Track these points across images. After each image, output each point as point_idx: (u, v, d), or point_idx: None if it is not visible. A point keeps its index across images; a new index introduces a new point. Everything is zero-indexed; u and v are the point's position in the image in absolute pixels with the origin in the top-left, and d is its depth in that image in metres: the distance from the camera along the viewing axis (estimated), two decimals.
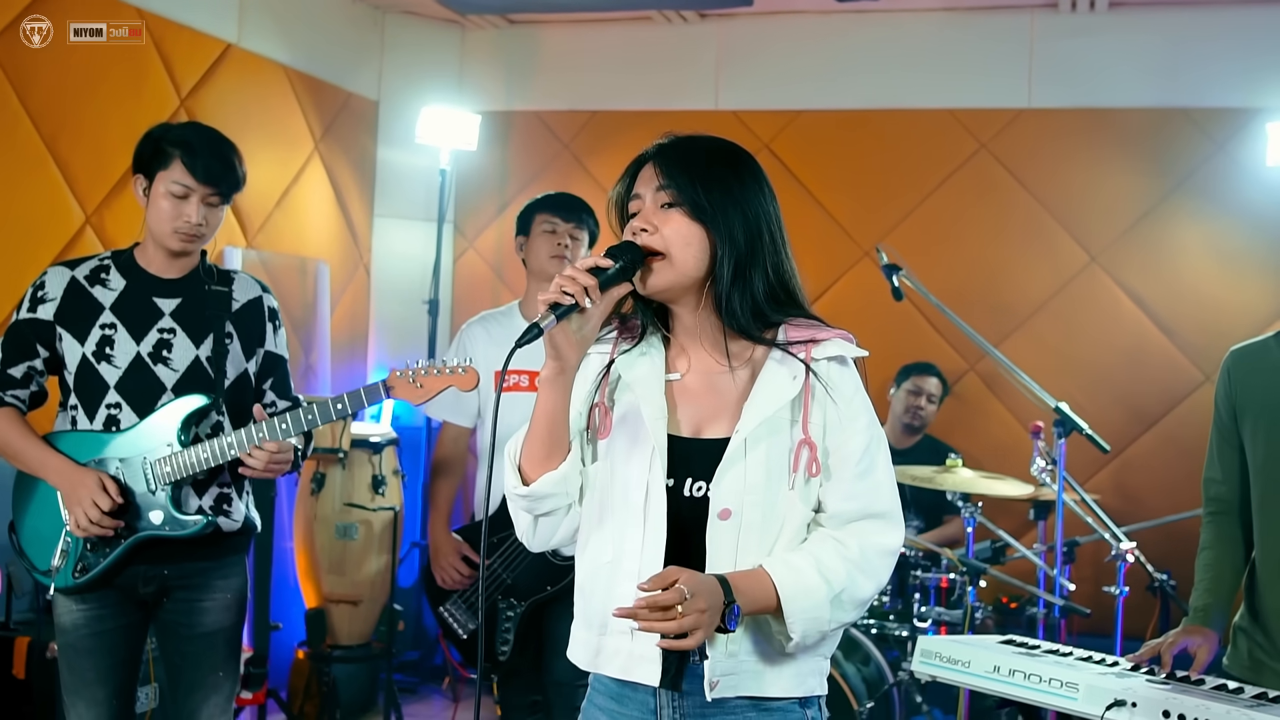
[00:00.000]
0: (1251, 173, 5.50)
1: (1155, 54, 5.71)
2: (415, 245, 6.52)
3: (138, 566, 3.06)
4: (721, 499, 1.94)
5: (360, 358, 6.38)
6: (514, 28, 6.55)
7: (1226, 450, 3.01)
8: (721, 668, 1.94)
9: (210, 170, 3.04)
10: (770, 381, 1.99)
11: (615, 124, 6.42)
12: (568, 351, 1.97)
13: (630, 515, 1.97)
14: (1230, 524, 3.01)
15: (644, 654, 1.96)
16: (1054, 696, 2.69)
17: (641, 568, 1.94)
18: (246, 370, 3.18)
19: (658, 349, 2.08)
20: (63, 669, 3.11)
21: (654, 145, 2.09)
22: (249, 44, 5.41)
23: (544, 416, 1.99)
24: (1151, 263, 5.72)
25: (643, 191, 2.03)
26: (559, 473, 2.01)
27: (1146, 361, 5.69)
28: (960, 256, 5.87)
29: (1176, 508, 5.26)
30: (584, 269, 1.93)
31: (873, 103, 6.06)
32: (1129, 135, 5.76)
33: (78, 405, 3.08)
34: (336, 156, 6.13)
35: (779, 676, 1.98)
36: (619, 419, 2.04)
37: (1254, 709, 2.45)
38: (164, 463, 3.03)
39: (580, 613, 2.08)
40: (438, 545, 3.86)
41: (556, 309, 1.91)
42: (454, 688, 5.90)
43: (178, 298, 3.11)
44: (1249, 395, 2.93)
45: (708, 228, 1.99)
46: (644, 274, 1.99)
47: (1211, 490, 3.07)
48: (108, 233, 4.68)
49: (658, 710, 2.00)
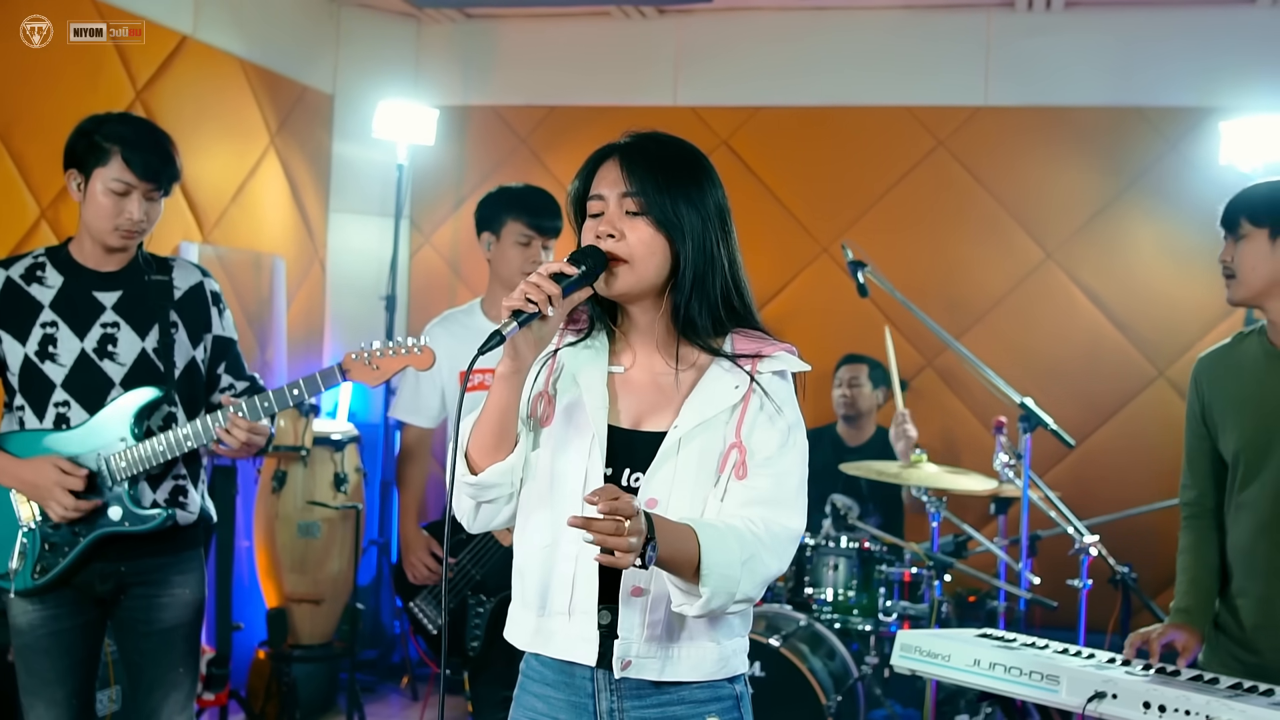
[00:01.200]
0: (1204, 171, 5.58)
1: (1110, 53, 5.79)
2: (370, 240, 6.46)
3: (95, 564, 3.02)
4: (651, 490, 2.00)
5: (316, 353, 6.32)
6: (471, 22, 6.51)
7: (1199, 458, 3.09)
8: (636, 649, 1.99)
9: (150, 166, 2.99)
10: (712, 386, 2.04)
11: (573, 119, 6.40)
12: (525, 352, 2.01)
13: (568, 501, 2.01)
14: (1207, 527, 3.07)
15: (581, 634, 2.02)
16: (1035, 689, 2.73)
17: (579, 551, 1.98)
18: (195, 358, 3.13)
19: (603, 343, 2.13)
20: (20, 670, 3.06)
21: (617, 143, 2.10)
22: (204, 36, 5.32)
23: (495, 410, 2.03)
24: (1106, 260, 5.80)
25: (606, 193, 2.04)
26: (506, 464, 2.05)
27: (1101, 357, 5.77)
28: (917, 253, 5.91)
29: (1132, 501, 5.33)
30: (548, 274, 1.96)
31: (831, 100, 6.08)
32: (1084, 133, 5.84)
33: (25, 405, 3.03)
34: (292, 150, 6.06)
35: (697, 664, 2.03)
36: (562, 408, 2.09)
37: (1232, 699, 2.49)
38: (119, 457, 2.99)
39: (518, 594, 2.13)
40: (407, 541, 3.85)
41: (519, 316, 1.95)
42: (413, 686, 5.87)
43: (118, 290, 3.06)
44: (1218, 397, 3.01)
45: (671, 238, 2.02)
46: (606, 277, 2.03)
47: (1186, 496, 3.14)
48: (63, 226, 4.59)
49: (595, 692, 2.05)
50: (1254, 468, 2.92)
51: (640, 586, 1.99)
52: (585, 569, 2.00)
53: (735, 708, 2.08)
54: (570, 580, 2.02)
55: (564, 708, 2.07)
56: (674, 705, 2.04)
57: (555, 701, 2.08)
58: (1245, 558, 2.95)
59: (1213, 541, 3.06)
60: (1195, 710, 2.48)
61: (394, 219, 6.22)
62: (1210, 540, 3.06)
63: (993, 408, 5.53)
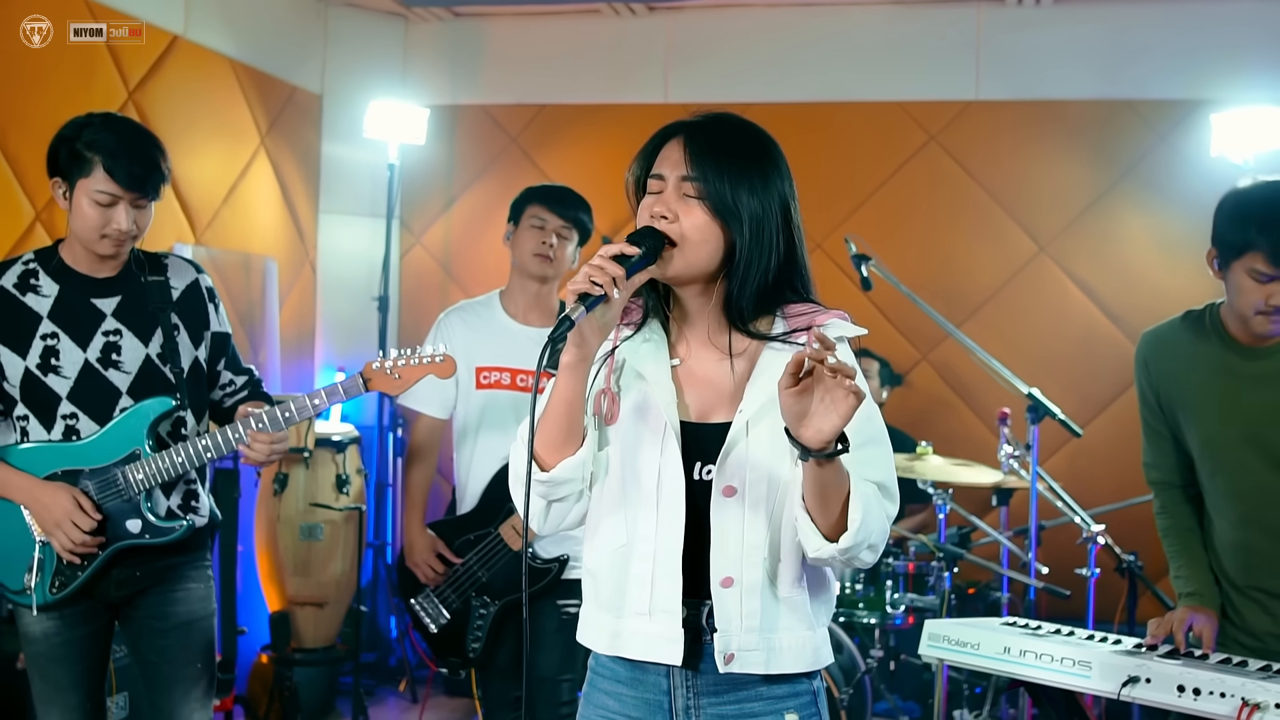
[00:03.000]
0: (1194, 163, 5.63)
1: (1099, 47, 5.83)
2: (360, 241, 6.43)
3: (111, 572, 2.99)
4: (725, 478, 1.96)
5: (308, 355, 6.27)
6: (459, 20, 6.48)
7: (1155, 437, 3.06)
8: (739, 641, 1.95)
9: (134, 175, 2.87)
10: (771, 365, 1.99)
11: (564, 117, 6.39)
12: (591, 338, 1.95)
13: (643, 499, 1.98)
14: (1180, 504, 3.06)
15: (664, 634, 1.97)
16: (1068, 675, 2.72)
17: (656, 549, 1.96)
18: (197, 358, 3.08)
19: (660, 335, 2.07)
20: (34, 678, 3.02)
21: (684, 121, 2.04)
22: (195, 36, 5.28)
23: (563, 402, 1.97)
24: (1098, 252, 5.84)
25: (666, 173, 2.00)
26: (577, 458, 2.00)
27: (1095, 348, 5.81)
28: (911, 247, 5.93)
29: (1128, 491, 5.35)
30: (609, 257, 1.91)
31: (822, 95, 6.10)
32: (1075, 127, 5.87)
33: (28, 415, 2.95)
34: (282, 151, 6.02)
35: (798, 655, 1.99)
36: (629, 404, 2.04)
37: (1266, 680, 2.50)
38: (137, 469, 2.94)
39: (592, 597, 2.09)
40: (412, 541, 3.80)
41: (586, 299, 1.89)
42: (412, 689, 5.84)
43: (116, 296, 2.98)
44: (1169, 382, 2.98)
45: (727, 226, 1.97)
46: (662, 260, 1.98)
47: (1152, 475, 3.12)
48: (58, 228, 4.53)
49: (671, 690, 2.01)
50: (1223, 462, 2.92)
51: (730, 576, 1.95)
52: (664, 567, 1.96)
53: (813, 703, 2.04)
54: (649, 580, 1.97)
55: (638, 705, 2.04)
56: (751, 702, 2.00)
57: (628, 699, 2.05)
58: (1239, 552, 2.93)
59: (1192, 515, 3.05)
60: (1230, 692, 2.48)
61: (386, 219, 6.17)
62: (1189, 515, 3.05)
63: (989, 401, 5.57)
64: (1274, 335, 2.83)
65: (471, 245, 6.48)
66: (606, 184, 6.17)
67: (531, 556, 3.68)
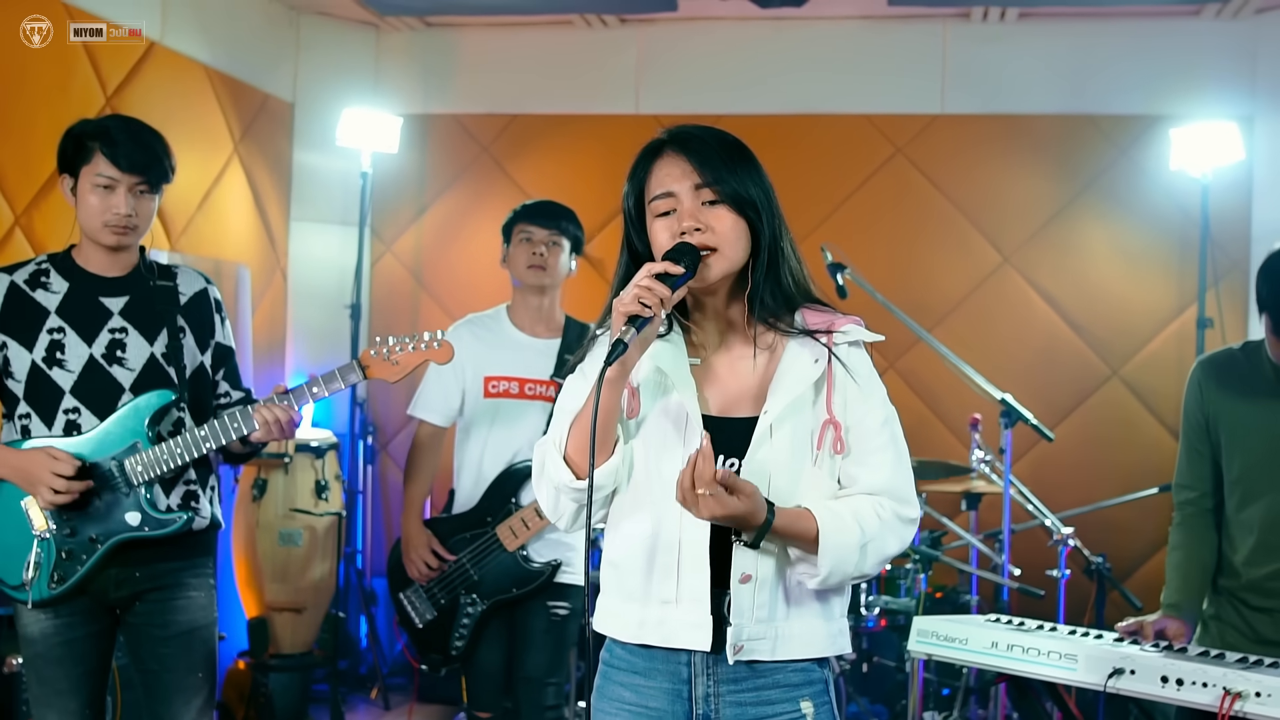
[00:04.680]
0: (1154, 176, 5.79)
1: (1062, 63, 5.98)
2: (331, 249, 6.43)
3: (110, 570, 2.99)
4: (749, 476, 2.02)
5: (279, 363, 6.27)
6: (430, 30, 6.52)
7: (1195, 459, 3.14)
8: (748, 632, 2.02)
9: (132, 158, 2.97)
10: (794, 365, 2.08)
11: (536, 128, 6.44)
12: (634, 354, 2.02)
13: (667, 490, 2.02)
14: (1204, 527, 3.14)
15: (692, 620, 2.03)
16: (1054, 668, 2.82)
17: (682, 539, 2.03)
18: (202, 363, 3.13)
19: (678, 334, 2.14)
20: (31, 681, 3.01)
21: (664, 139, 2.11)
22: (171, 42, 5.28)
23: (602, 413, 2.00)
24: (1061, 263, 5.97)
25: (677, 190, 2.07)
26: (611, 465, 2.07)
27: (1057, 357, 5.94)
28: (877, 258, 6.02)
29: (1089, 496, 5.50)
30: (653, 276, 1.97)
31: (791, 108, 6.19)
32: (1038, 140, 6.01)
33: (30, 414, 2.98)
34: (255, 158, 6.02)
35: (808, 641, 2.08)
36: (651, 401, 2.10)
37: (1246, 670, 2.60)
38: (136, 460, 2.96)
39: (615, 588, 2.14)
40: (409, 537, 3.90)
41: (636, 321, 1.96)
42: (384, 697, 5.84)
43: (125, 295, 3.04)
44: (1220, 407, 3.06)
45: (749, 219, 2.07)
46: (700, 269, 2.05)
47: (1181, 495, 3.19)
48: (37, 234, 4.53)
49: (691, 678, 2.06)
50: (1256, 491, 3.00)
51: (748, 573, 2.03)
52: (691, 555, 2.03)
53: (825, 691, 2.11)
54: (674, 568, 2.04)
55: (656, 694, 2.09)
56: (768, 689, 2.06)
57: (646, 690, 2.10)
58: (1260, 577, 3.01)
59: (1210, 542, 3.12)
60: (1212, 682, 2.58)
61: (359, 227, 6.19)
62: (1208, 541, 3.12)
63: (957, 408, 5.67)
64: None
65: (443, 254, 6.51)
66: (578, 194, 6.25)
67: (525, 559, 3.76)
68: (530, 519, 3.73)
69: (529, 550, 3.77)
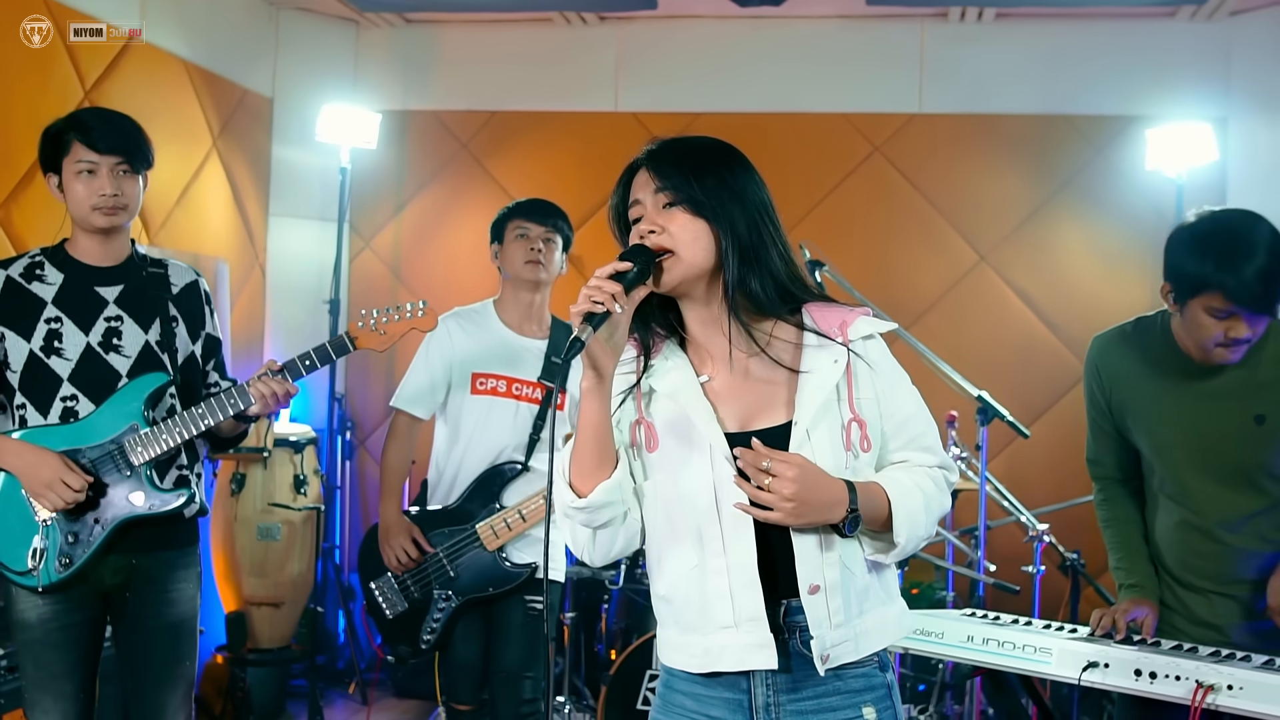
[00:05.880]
0: (1129, 176, 5.85)
1: (1039, 63, 6.03)
2: (310, 244, 6.43)
3: (110, 557, 3.06)
4: None
5: (257, 358, 6.25)
6: (410, 26, 6.52)
7: (1102, 435, 3.13)
8: (830, 639, 2.02)
9: (109, 140, 3.05)
10: (816, 369, 2.07)
11: (515, 124, 6.45)
12: (603, 360, 2.00)
13: (704, 517, 2.03)
14: (1122, 497, 3.14)
15: (755, 642, 2.02)
16: (1029, 662, 2.85)
17: (730, 563, 2.02)
18: (193, 352, 3.21)
19: (680, 356, 2.12)
20: (27, 666, 3.08)
21: (643, 152, 2.14)
22: (150, 37, 5.26)
23: (590, 427, 2.02)
24: (1037, 262, 6.02)
25: (641, 196, 2.10)
26: (613, 481, 2.04)
27: (1033, 355, 5.99)
28: (855, 256, 6.05)
29: (1065, 493, 5.53)
30: (605, 276, 1.98)
31: (770, 106, 6.21)
32: (1014, 140, 6.06)
33: (26, 404, 3.05)
34: (233, 154, 6.01)
35: (882, 630, 2.11)
36: (666, 430, 2.08)
37: (1217, 663, 2.63)
38: (135, 442, 3.03)
39: (673, 621, 2.12)
40: (388, 525, 3.87)
41: (591, 319, 1.95)
42: (361, 691, 5.84)
43: (119, 284, 3.13)
44: (1119, 386, 3.04)
45: (709, 221, 2.05)
46: (657, 273, 2.04)
47: (1095, 470, 3.19)
48: (15, 229, 4.51)
49: (751, 688, 2.06)
50: (1170, 469, 2.98)
51: (816, 584, 2.02)
52: (741, 578, 2.01)
53: (888, 696, 2.12)
54: (728, 593, 2.02)
55: (716, 704, 2.08)
56: (830, 696, 2.06)
57: (706, 699, 2.10)
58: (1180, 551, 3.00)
59: (1133, 507, 3.12)
60: (1185, 675, 2.61)
61: (338, 223, 6.19)
62: (1131, 507, 3.12)
63: (934, 405, 5.65)
64: (1233, 362, 2.86)
65: (421, 250, 6.51)
66: (557, 191, 6.28)
67: (504, 560, 3.77)
68: (513, 520, 3.73)
69: (508, 551, 3.79)
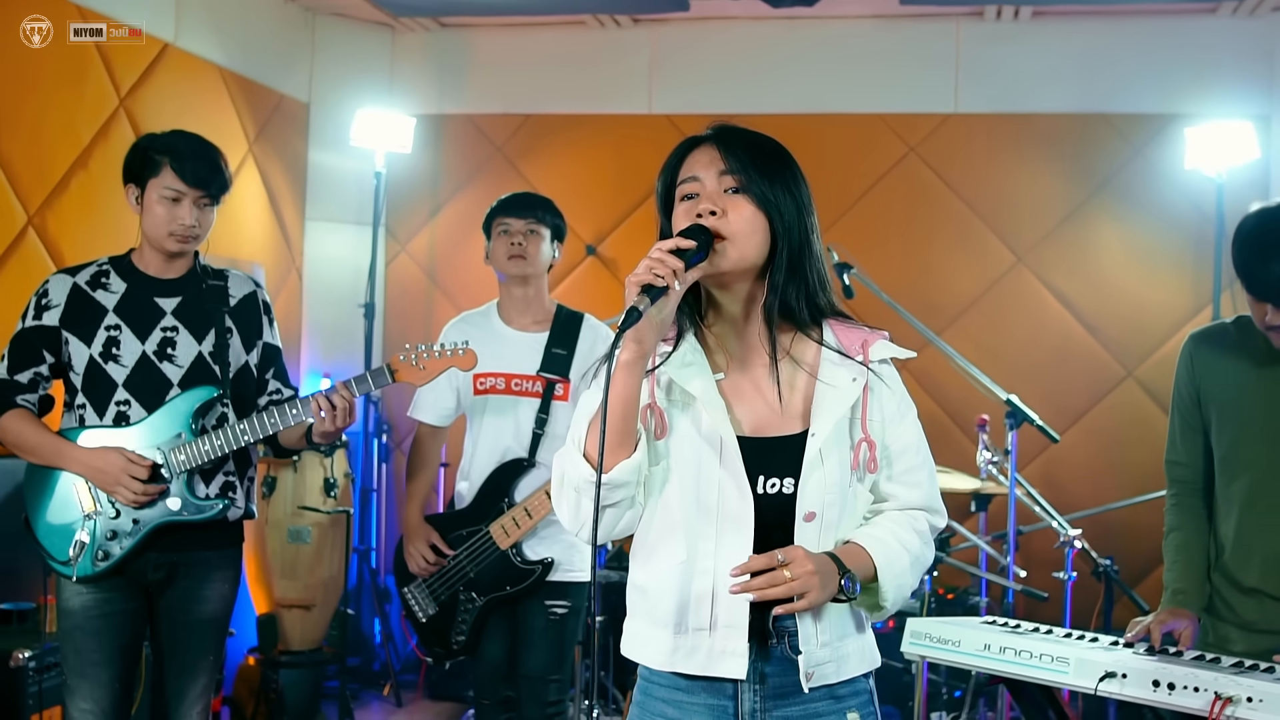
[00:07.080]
0: (1168, 176, 5.76)
1: (1076, 62, 5.95)
2: (346, 248, 6.48)
3: (149, 553, 3.19)
4: (807, 503, 2.01)
5: (294, 362, 6.31)
6: (445, 30, 6.55)
7: (1189, 433, 3.08)
8: (816, 658, 2.02)
9: (198, 174, 3.19)
10: (834, 384, 2.04)
11: (549, 127, 6.46)
12: (649, 334, 1.95)
13: (704, 516, 2.01)
14: (1196, 505, 3.09)
15: (728, 649, 2.00)
16: (1046, 671, 2.79)
17: (717, 565, 1.99)
18: (247, 362, 3.33)
19: (698, 350, 2.08)
20: (67, 652, 3.21)
21: (709, 130, 2.09)
22: (185, 43, 5.33)
23: (620, 401, 1.94)
24: (1075, 263, 5.94)
25: (702, 175, 2.03)
26: (634, 462, 2.00)
27: (1071, 358, 5.91)
28: (891, 258, 6.01)
29: (1102, 498, 5.47)
30: (667, 250, 1.92)
31: (804, 107, 6.18)
32: (1052, 139, 5.98)
33: (86, 404, 3.21)
34: (269, 159, 6.07)
35: (861, 657, 2.11)
36: (679, 422, 2.05)
37: (1238, 675, 2.58)
38: (179, 451, 3.17)
39: (645, 613, 2.09)
40: (409, 530, 3.95)
41: (650, 291, 1.89)
42: (396, 693, 5.87)
43: (178, 296, 3.26)
44: (1212, 380, 3.01)
45: (770, 217, 2.01)
46: (710, 256, 1.98)
47: (1175, 473, 3.14)
48: (50, 234, 4.58)
49: (738, 695, 2.03)
50: (1246, 464, 2.95)
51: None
52: (725, 583, 1.99)
53: (870, 702, 2.13)
54: (709, 595, 1.99)
55: (700, 711, 2.05)
56: (817, 702, 2.05)
57: (689, 706, 2.06)
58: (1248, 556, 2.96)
59: (1203, 518, 3.07)
60: (1204, 686, 2.55)
61: (373, 227, 6.23)
62: (1201, 518, 3.07)
63: (965, 409, 5.65)
64: None
65: (456, 253, 6.53)
66: (591, 193, 6.30)
67: (517, 557, 3.78)
68: (520, 517, 3.76)
69: (522, 548, 3.80)
